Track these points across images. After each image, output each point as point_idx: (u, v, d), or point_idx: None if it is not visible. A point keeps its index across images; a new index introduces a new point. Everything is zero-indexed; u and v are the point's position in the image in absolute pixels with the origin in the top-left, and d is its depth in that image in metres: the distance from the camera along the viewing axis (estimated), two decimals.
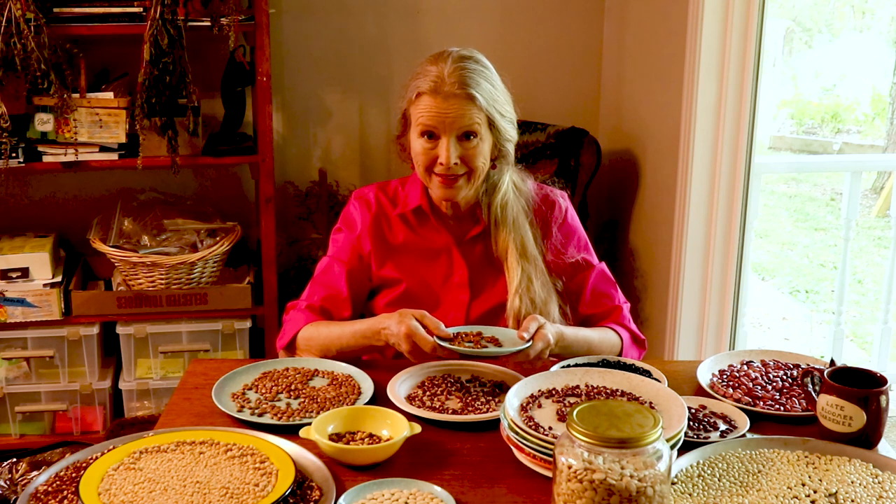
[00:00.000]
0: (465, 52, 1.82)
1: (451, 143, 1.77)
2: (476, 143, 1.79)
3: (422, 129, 1.79)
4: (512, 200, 1.91)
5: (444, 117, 1.76)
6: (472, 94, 1.76)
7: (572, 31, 3.36)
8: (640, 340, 1.96)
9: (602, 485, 1.14)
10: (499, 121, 1.82)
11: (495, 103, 1.81)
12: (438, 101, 1.76)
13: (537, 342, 1.72)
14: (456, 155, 1.78)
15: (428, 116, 1.77)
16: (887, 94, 8.63)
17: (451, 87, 1.76)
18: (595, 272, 1.96)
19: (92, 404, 2.93)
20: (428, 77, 1.78)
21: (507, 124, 1.85)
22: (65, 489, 1.33)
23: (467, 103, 1.76)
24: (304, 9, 3.21)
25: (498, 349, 1.70)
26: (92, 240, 2.83)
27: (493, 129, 1.82)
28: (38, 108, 2.68)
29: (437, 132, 1.78)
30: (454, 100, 1.76)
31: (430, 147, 1.80)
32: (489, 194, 1.90)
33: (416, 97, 1.80)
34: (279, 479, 1.32)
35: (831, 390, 1.50)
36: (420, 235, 1.94)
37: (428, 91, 1.77)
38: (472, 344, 1.70)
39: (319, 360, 1.80)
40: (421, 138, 1.80)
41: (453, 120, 1.76)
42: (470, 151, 1.79)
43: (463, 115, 1.76)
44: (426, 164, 1.81)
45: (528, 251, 1.88)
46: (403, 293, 1.92)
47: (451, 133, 1.77)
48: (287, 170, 3.28)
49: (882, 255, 6.17)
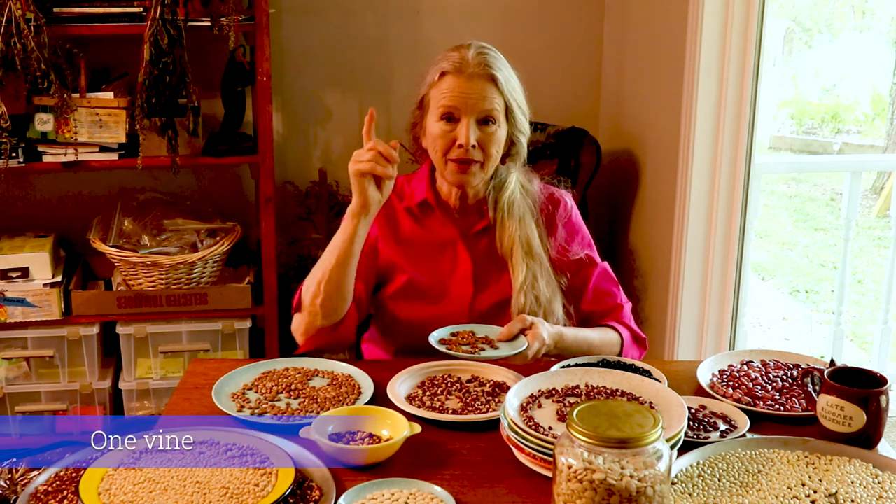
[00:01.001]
0: (485, 43, 1.87)
1: (471, 124, 1.80)
2: (494, 129, 1.83)
3: (443, 110, 1.81)
4: (519, 199, 1.93)
5: (467, 98, 1.79)
6: (495, 76, 1.81)
7: (572, 31, 3.36)
8: (641, 339, 1.97)
9: (602, 485, 1.14)
10: (515, 110, 1.86)
11: (514, 91, 1.85)
12: (462, 80, 1.80)
13: (533, 342, 1.73)
14: (475, 138, 1.80)
15: (451, 97, 1.80)
16: (887, 94, 8.63)
17: (476, 68, 1.81)
18: (598, 270, 1.98)
19: (92, 404, 2.93)
20: (451, 59, 1.82)
21: (521, 116, 1.88)
22: (65, 489, 1.33)
23: (490, 85, 1.81)
24: (304, 9, 3.21)
25: (495, 352, 1.71)
26: (92, 240, 2.83)
27: (510, 118, 1.85)
28: (38, 108, 2.68)
29: (457, 114, 1.81)
30: (478, 80, 1.80)
31: (449, 130, 1.82)
32: (497, 190, 1.92)
33: (440, 77, 1.83)
34: (279, 479, 1.32)
35: (831, 390, 1.50)
36: (425, 228, 1.95)
37: (452, 71, 1.81)
38: (469, 347, 1.71)
39: (319, 360, 1.80)
40: (440, 121, 1.82)
41: (475, 101, 1.80)
42: (487, 137, 1.82)
43: (485, 98, 1.80)
44: (444, 148, 1.83)
45: (534, 249, 1.89)
46: (407, 284, 1.93)
47: (472, 115, 1.80)
48: (287, 170, 3.28)
49: (882, 255, 6.16)
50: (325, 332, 1.86)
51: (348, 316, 1.87)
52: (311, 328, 1.85)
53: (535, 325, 1.76)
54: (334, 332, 1.86)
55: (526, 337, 1.75)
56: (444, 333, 1.77)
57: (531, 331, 1.76)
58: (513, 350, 1.72)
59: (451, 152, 1.82)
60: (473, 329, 1.79)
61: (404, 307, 1.93)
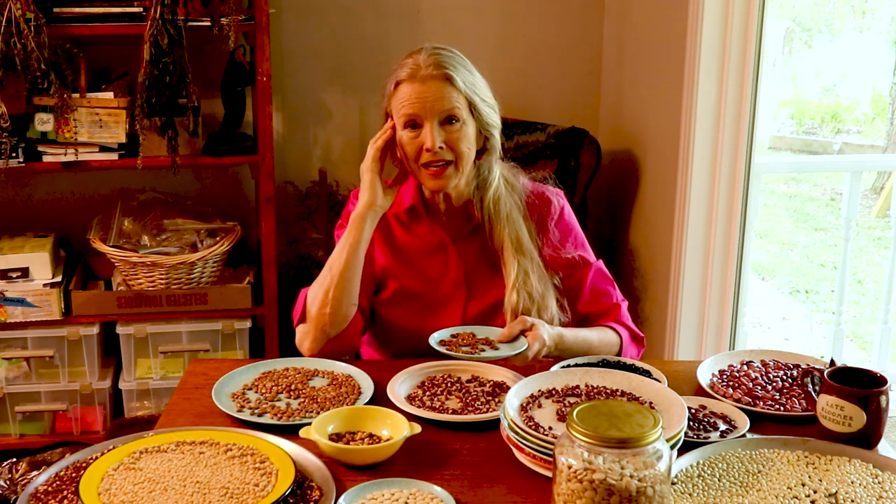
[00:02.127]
0: (439, 45, 1.85)
1: (434, 127, 1.78)
2: (459, 126, 1.81)
3: (405, 119, 1.80)
4: (504, 195, 1.91)
5: (424, 101, 1.78)
6: (450, 75, 1.79)
7: (572, 31, 3.36)
8: (640, 338, 1.97)
9: (602, 485, 1.14)
10: (479, 104, 1.83)
11: (474, 87, 1.83)
12: (416, 85, 1.79)
13: (533, 343, 1.73)
14: (441, 139, 1.79)
15: (409, 104, 1.79)
16: (887, 94, 8.63)
17: (428, 69, 1.79)
18: (593, 270, 1.97)
19: (92, 404, 2.93)
20: (405, 67, 1.81)
21: (488, 109, 1.86)
22: (65, 489, 1.33)
23: (445, 85, 1.79)
24: (304, 9, 3.21)
25: (495, 353, 1.71)
26: (92, 240, 2.83)
27: (475, 114, 1.83)
28: (38, 108, 2.68)
29: (419, 120, 1.79)
30: (432, 82, 1.78)
31: (415, 136, 1.80)
32: (481, 190, 1.90)
33: (395, 87, 1.82)
34: (279, 479, 1.32)
35: (831, 390, 1.50)
36: (414, 235, 1.94)
37: (406, 78, 1.80)
38: (469, 348, 1.72)
39: (319, 360, 1.80)
40: (405, 130, 1.81)
41: (433, 103, 1.78)
42: (454, 135, 1.80)
43: (442, 98, 1.78)
44: (414, 156, 1.82)
45: (524, 245, 1.88)
46: (399, 291, 1.93)
47: (434, 117, 1.79)
48: (287, 170, 3.28)
49: (882, 255, 6.17)
50: (332, 342, 1.86)
51: (354, 322, 1.87)
52: (319, 338, 1.85)
53: (536, 327, 1.76)
54: (341, 339, 1.86)
55: (526, 338, 1.75)
56: (445, 335, 1.77)
57: (531, 332, 1.75)
58: (513, 351, 1.72)
59: (421, 157, 1.81)
60: (474, 330, 1.79)
61: (398, 313, 1.93)
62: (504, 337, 1.75)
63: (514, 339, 1.76)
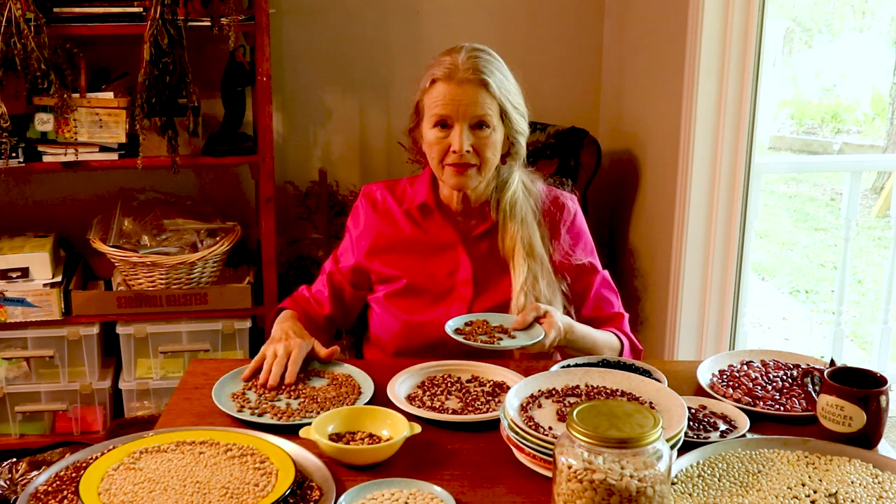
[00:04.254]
0: (478, 45, 1.86)
1: (464, 130, 1.80)
2: (488, 133, 1.82)
3: (436, 118, 1.82)
4: (521, 199, 1.92)
5: (458, 104, 1.79)
6: (486, 80, 1.80)
7: (572, 31, 3.36)
8: (638, 350, 1.98)
9: (602, 485, 1.14)
10: (511, 111, 1.85)
11: (508, 94, 1.84)
12: (452, 86, 1.79)
13: (550, 331, 1.73)
14: (469, 143, 1.80)
15: (442, 105, 1.80)
16: (887, 94, 8.63)
17: (465, 72, 1.79)
18: (599, 277, 1.98)
19: (92, 404, 2.93)
20: (442, 65, 1.82)
21: (518, 117, 1.87)
22: (65, 489, 1.33)
23: (481, 90, 1.80)
24: (304, 9, 3.21)
25: (513, 342, 1.70)
26: (92, 240, 2.83)
27: (506, 120, 1.85)
28: (38, 108, 2.68)
29: (450, 121, 1.80)
30: (468, 85, 1.79)
31: (443, 136, 1.82)
32: (499, 191, 1.92)
33: (431, 84, 1.82)
34: (279, 479, 1.32)
35: (831, 390, 1.50)
36: (425, 231, 1.95)
37: (442, 77, 1.80)
38: (487, 336, 1.71)
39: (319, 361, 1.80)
40: (434, 129, 1.82)
41: (467, 107, 1.79)
42: (482, 141, 1.81)
43: (476, 103, 1.79)
44: (439, 155, 1.83)
45: (536, 250, 1.89)
46: (405, 287, 1.93)
47: (465, 121, 1.80)
48: (287, 170, 3.28)
49: (882, 255, 6.17)
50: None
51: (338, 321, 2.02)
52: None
53: (550, 314, 1.76)
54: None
55: (541, 325, 1.75)
56: (459, 323, 1.77)
57: (546, 319, 1.75)
58: (531, 339, 1.71)
59: (446, 158, 1.83)
60: (487, 318, 1.78)
61: (403, 309, 1.94)
62: (518, 324, 1.75)
63: (529, 327, 1.75)
